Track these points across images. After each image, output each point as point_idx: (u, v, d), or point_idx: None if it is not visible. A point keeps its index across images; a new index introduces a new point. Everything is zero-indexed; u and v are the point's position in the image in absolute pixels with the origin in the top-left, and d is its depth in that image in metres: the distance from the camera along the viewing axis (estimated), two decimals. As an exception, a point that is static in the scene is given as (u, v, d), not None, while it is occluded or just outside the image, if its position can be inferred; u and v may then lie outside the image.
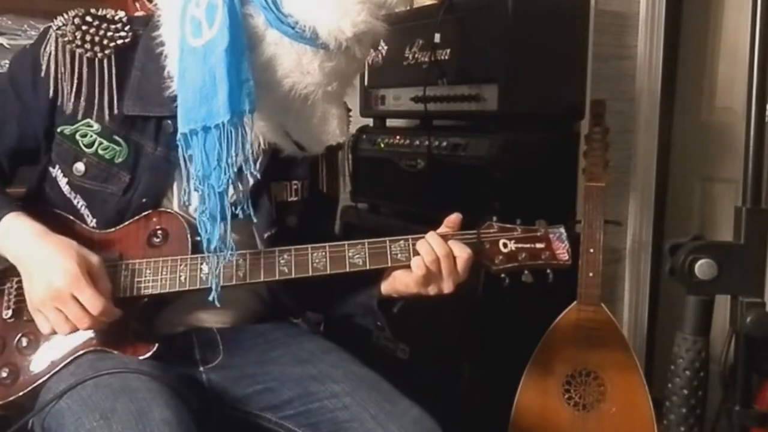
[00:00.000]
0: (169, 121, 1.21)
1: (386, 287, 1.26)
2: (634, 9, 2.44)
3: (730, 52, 2.50)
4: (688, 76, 2.71)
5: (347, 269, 1.20)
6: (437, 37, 1.94)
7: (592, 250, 1.79)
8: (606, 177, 1.85)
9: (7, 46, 2.08)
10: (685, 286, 0.90)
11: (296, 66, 1.13)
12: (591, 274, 1.79)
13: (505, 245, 1.23)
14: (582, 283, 1.80)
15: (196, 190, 1.15)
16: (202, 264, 1.19)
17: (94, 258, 1.14)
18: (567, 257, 1.23)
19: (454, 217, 1.25)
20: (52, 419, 1.10)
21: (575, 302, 1.82)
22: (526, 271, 1.23)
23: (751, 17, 0.88)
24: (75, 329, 1.12)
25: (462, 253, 1.19)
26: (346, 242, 1.20)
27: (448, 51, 1.95)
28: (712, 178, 2.59)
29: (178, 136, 1.13)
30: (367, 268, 1.20)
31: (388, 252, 1.21)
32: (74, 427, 1.04)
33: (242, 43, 1.10)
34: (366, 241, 1.21)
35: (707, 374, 0.90)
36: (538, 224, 1.25)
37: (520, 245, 1.23)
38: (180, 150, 1.13)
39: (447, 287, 1.21)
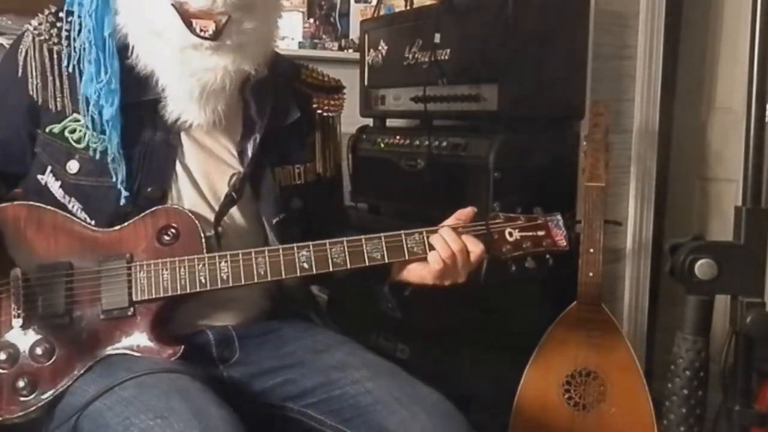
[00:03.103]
0: (164, 103, 1.21)
1: (398, 276, 1.28)
2: (634, 9, 2.44)
3: (730, 52, 2.50)
4: (688, 76, 2.70)
5: (366, 263, 1.21)
6: (437, 37, 1.95)
7: (592, 250, 1.79)
8: (606, 177, 1.85)
9: (7, 46, 2.08)
10: (685, 286, 0.90)
11: None
12: (591, 274, 1.79)
13: (510, 234, 1.29)
14: (582, 283, 1.80)
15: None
16: (221, 262, 1.19)
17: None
18: (565, 243, 1.31)
19: (469, 210, 1.29)
20: (87, 421, 1.08)
21: (575, 302, 1.82)
22: (529, 258, 1.29)
23: (751, 17, 0.88)
24: None
25: (476, 248, 1.24)
26: (363, 236, 1.22)
27: (448, 51, 1.95)
28: (712, 178, 2.59)
29: None
30: (386, 261, 1.23)
31: (405, 245, 1.23)
32: (123, 428, 1.03)
33: None
34: (382, 235, 1.23)
35: (707, 374, 0.90)
36: (536, 212, 1.32)
37: (524, 233, 1.29)
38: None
39: (461, 279, 1.25)
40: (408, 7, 2.59)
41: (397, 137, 2.10)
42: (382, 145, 2.14)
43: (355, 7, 2.76)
